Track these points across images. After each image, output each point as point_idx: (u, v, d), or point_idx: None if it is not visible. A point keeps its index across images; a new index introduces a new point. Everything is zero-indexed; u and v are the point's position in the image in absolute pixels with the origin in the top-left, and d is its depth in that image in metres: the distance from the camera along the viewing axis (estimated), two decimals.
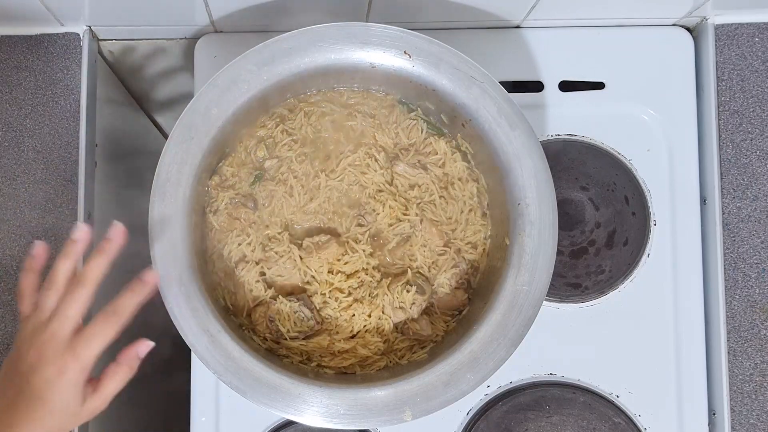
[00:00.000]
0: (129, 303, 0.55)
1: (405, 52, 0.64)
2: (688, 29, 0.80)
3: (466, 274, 0.69)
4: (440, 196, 0.69)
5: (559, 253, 0.69)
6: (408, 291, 0.67)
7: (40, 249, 0.57)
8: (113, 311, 0.54)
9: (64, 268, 0.55)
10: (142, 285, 0.56)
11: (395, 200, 0.68)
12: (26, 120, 0.75)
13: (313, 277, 0.67)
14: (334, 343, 0.67)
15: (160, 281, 0.59)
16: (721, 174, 0.77)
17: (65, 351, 0.53)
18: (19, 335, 0.55)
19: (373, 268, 0.68)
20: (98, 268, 0.55)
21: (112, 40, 0.81)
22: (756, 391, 0.75)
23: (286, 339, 0.66)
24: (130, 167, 0.93)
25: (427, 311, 0.68)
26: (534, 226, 0.63)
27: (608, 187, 0.78)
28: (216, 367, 0.61)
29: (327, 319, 0.67)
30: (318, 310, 0.67)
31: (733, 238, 0.76)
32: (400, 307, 0.67)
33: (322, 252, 0.66)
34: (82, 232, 0.56)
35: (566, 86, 0.79)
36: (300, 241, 0.67)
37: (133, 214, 0.91)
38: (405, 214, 0.68)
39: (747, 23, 0.78)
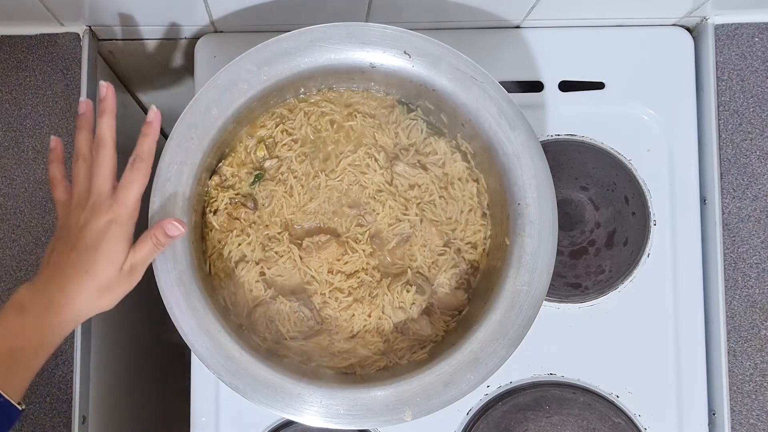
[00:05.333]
0: (147, 146, 0.60)
1: (405, 52, 0.64)
2: (688, 29, 0.80)
3: (466, 274, 0.69)
4: (440, 196, 0.69)
5: (559, 253, 0.69)
6: (408, 291, 0.67)
7: (55, 142, 0.64)
8: (138, 158, 0.60)
9: (82, 139, 0.62)
10: (150, 126, 0.61)
11: (395, 200, 0.68)
12: (26, 120, 0.75)
13: (313, 277, 0.67)
14: (334, 343, 0.67)
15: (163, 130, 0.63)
16: (721, 174, 0.77)
17: (112, 202, 0.58)
18: (61, 213, 0.61)
19: (373, 268, 0.68)
20: (108, 128, 0.60)
21: (112, 40, 0.81)
22: (756, 391, 0.75)
23: (286, 339, 0.66)
24: None
25: (427, 311, 0.68)
26: (534, 226, 0.63)
27: (608, 187, 0.78)
28: (216, 367, 0.61)
29: (327, 319, 0.67)
30: (318, 310, 0.67)
31: (733, 238, 0.76)
32: (400, 307, 0.67)
33: (322, 252, 0.66)
34: (85, 105, 0.63)
35: (566, 86, 0.78)
36: (300, 241, 0.67)
37: None
38: (405, 214, 0.68)
39: (747, 23, 0.78)
